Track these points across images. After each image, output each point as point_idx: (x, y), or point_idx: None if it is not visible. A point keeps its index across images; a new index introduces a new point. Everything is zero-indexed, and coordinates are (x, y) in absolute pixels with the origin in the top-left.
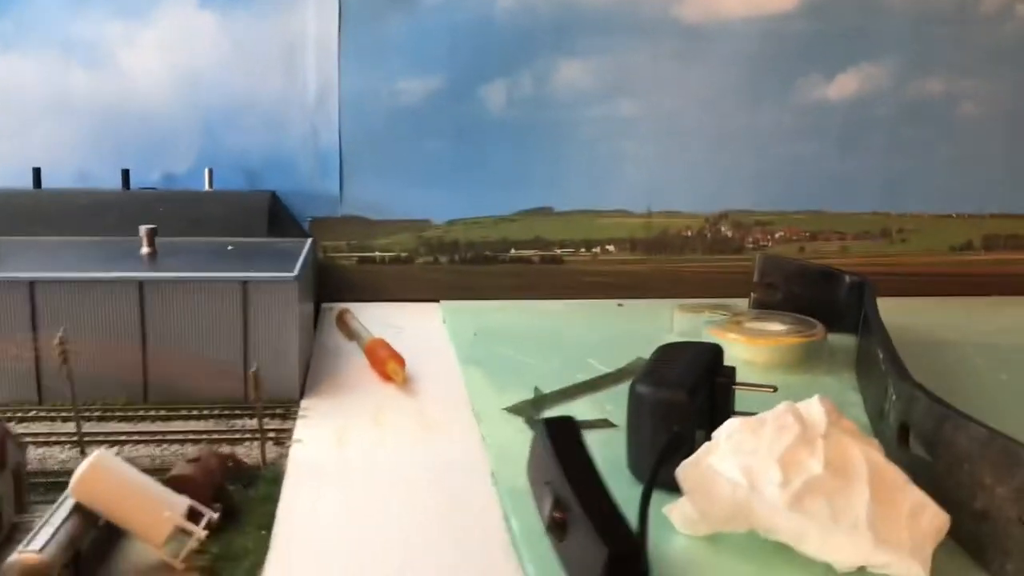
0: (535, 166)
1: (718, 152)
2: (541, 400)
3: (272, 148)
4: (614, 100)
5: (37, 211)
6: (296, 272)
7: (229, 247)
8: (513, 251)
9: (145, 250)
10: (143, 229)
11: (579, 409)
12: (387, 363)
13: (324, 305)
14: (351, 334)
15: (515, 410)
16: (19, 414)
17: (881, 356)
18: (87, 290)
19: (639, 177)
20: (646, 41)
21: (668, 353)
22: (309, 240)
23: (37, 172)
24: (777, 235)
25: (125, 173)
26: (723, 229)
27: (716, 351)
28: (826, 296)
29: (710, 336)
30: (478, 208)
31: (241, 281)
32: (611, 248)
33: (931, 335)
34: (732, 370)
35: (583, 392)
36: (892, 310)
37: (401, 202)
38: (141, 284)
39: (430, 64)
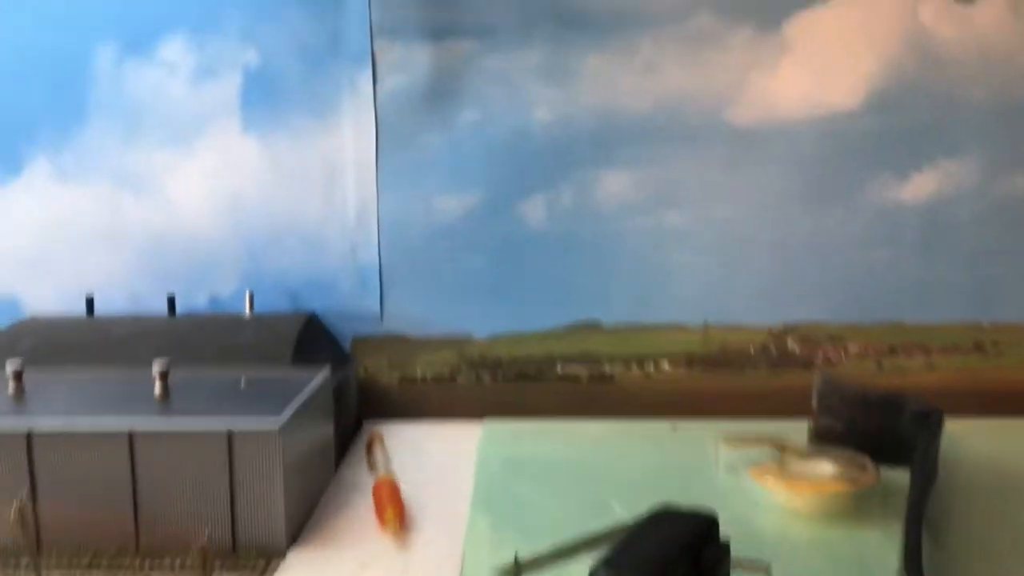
0: (579, 279)
1: (781, 261)
2: (527, 565)
3: (313, 268)
4: (661, 210)
5: (87, 339)
6: (284, 420)
7: (242, 384)
8: (560, 367)
9: (157, 390)
10: (155, 368)
11: (573, 572)
12: (385, 510)
13: (366, 424)
14: (372, 465)
15: (504, 573)
16: (10, 566)
17: (906, 526)
18: (81, 440)
19: (693, 289)
20: (694, 148)
21: (654, 522)
22: (323, 372)
23: (90, 301)
24: (851, 350)
25: (171, 300)
26: (789, 344)
27: (710, 523)
28: (890, 426)
29: (749, 478)
30: (521, 323)
31: (226, 432)
32: (665, 365)
33: (1018, 468)
34: (725, 547)
35: (585, 548)
36: (981, 435)
37: (442, 318)
38: (131, 436)
39: (467, 181)
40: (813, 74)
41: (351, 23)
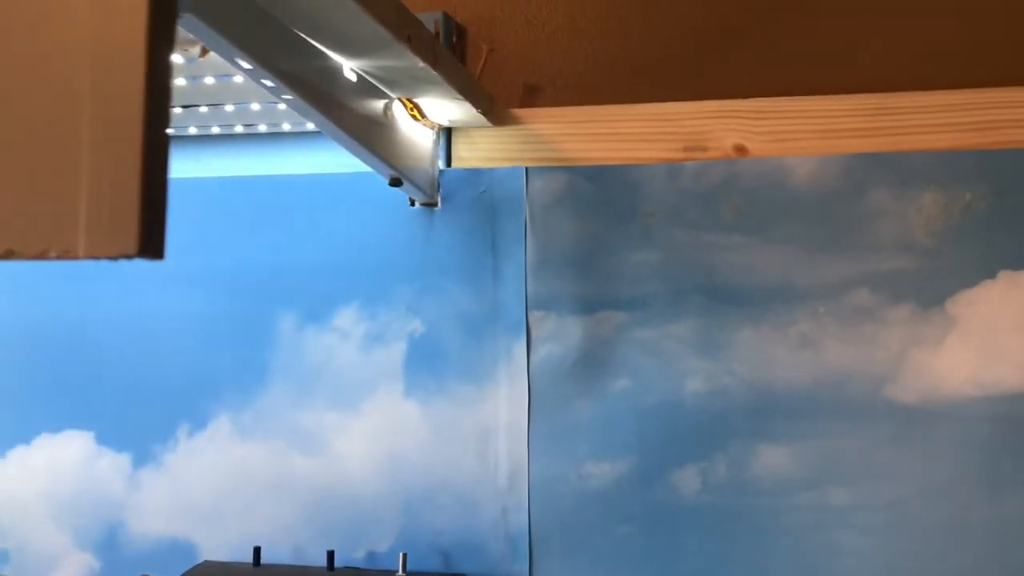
0: (735, 557)
1: (955, 548)
2: None
3: (465, 530)
4: (823, 488)
5: None
6: None
7: None
8: None
9: None
10: None
11: None
12: None
13: None
14: None
15: None
16: None
17: None
18: None
19: (858, 574)
20: (856, 424)
21: None
22: None
23: (257, 550)
24: None
25: (330, 555)
26: None
27: None
28: None
29: None
30: None
31: None
32: None
33: None
34: None
35: None
36: None
37: None
38: None
39: (619, 448)
40: (982, 354)
41: (508, 296)
